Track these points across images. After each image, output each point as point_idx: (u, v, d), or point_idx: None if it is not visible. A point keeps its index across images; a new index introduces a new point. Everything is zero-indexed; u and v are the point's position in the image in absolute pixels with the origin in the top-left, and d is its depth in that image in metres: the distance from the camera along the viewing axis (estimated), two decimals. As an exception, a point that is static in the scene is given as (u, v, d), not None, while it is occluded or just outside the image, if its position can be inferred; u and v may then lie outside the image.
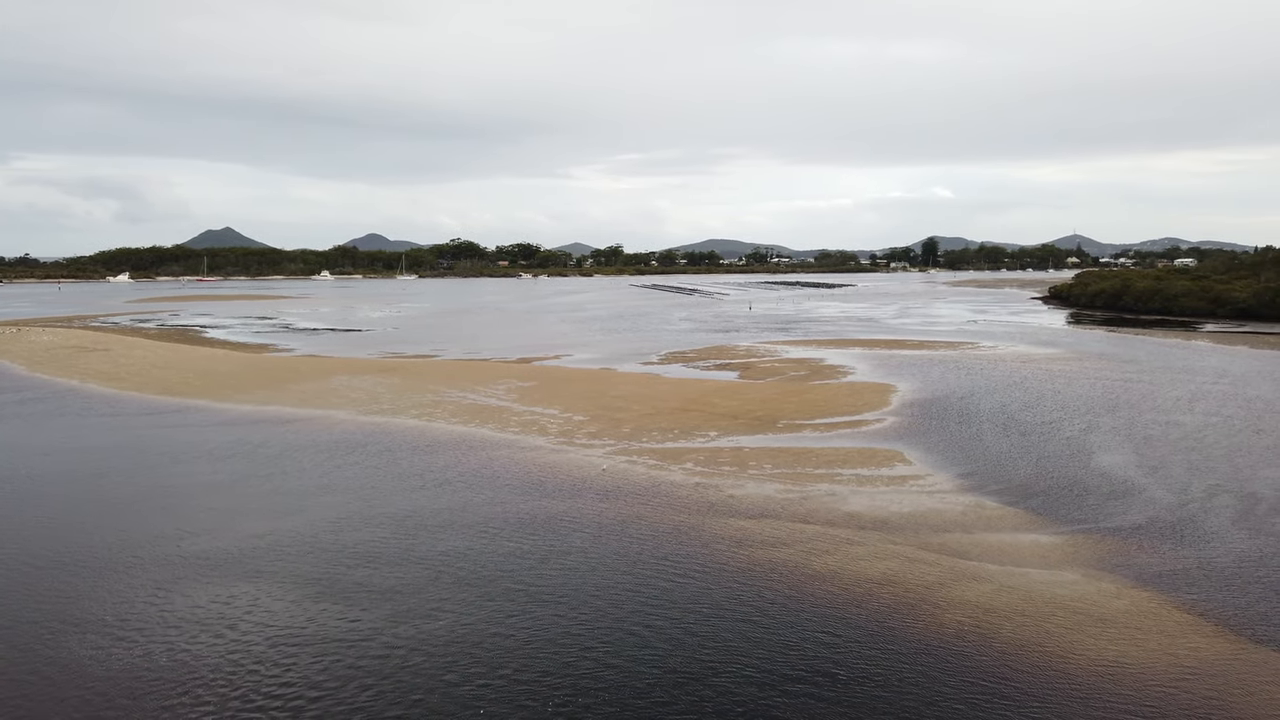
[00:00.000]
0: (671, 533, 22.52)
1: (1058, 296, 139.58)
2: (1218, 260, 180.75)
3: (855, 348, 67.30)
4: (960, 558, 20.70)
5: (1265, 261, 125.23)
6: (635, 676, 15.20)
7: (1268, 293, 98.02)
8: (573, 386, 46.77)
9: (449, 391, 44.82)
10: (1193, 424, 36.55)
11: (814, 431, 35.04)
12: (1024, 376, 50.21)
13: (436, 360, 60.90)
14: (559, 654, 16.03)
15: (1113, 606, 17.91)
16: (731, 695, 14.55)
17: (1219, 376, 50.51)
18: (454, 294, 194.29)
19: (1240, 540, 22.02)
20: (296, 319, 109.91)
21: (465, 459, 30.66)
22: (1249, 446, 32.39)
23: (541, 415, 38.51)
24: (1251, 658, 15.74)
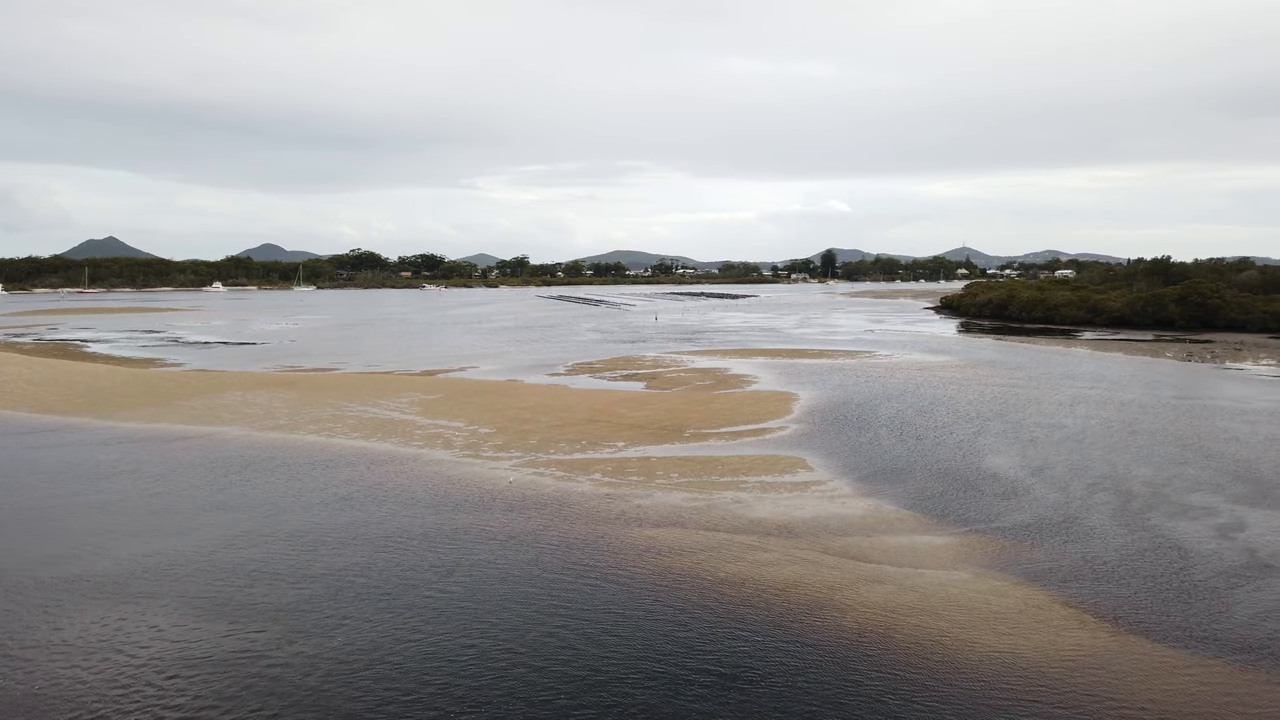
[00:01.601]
0: (579, 543, 22.46)
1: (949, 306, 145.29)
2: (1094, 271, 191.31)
3: (759, 357, 68.55)
4: (861, 560, 21.28)
5: (1137, 273, 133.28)
6: (539, 685, 15.09)
7: (1139, 302, 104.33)
8: (479, 399, 46.21)
9: (350, 405, 43.68)
10: (1074, 426, 38.53)
11: (719, 440, 35.51)
12: (918, 383, 52.04)
13: (337, 374, 59.28)
14: (462, 666, 15.79)
15: (1003, 603, 18.69)
16: (636, 699, 14.59)
17: (1096, 381, 53.41)
18: (355, 306, 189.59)
19: (1118, 536, 23.31)
20: (186, 332, 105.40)
21: (367, 474, 29.92)
22: (1124, 446, 34.33)
23: (447, 428, 37.90)
24: (1132, 649, 16.65)
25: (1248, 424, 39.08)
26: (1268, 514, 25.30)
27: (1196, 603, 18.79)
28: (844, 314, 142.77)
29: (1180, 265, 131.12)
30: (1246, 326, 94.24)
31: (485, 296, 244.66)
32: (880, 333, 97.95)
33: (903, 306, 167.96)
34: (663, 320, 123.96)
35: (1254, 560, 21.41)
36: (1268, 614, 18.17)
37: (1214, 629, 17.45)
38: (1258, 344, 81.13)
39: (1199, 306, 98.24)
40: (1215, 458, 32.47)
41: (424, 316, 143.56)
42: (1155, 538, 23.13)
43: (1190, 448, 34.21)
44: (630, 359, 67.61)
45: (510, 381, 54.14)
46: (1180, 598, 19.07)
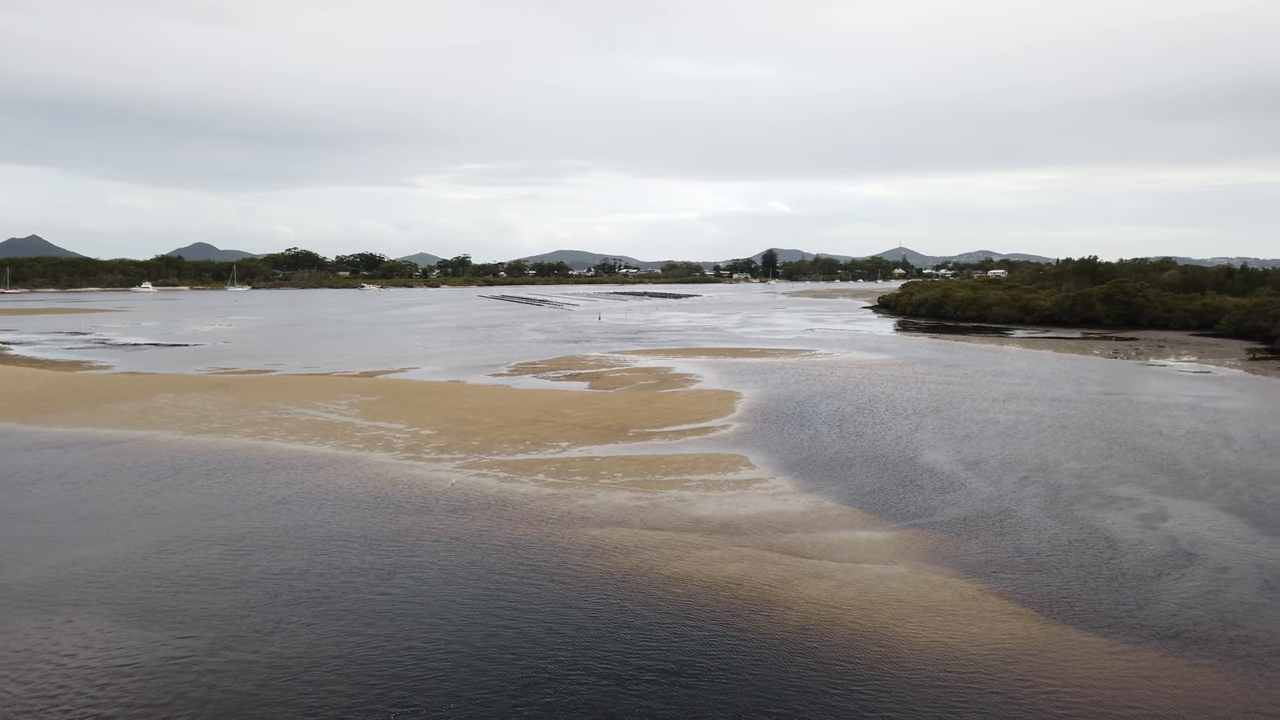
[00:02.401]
0: (523, 544, 22.36)
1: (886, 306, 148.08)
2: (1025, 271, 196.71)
3: (702, 356, 68.99)
4: (802, 557, 21.58)
5: (1065, 273, 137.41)
6: (481, 685, 15.00)
7: (1068, 301, 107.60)
8: (420, 400, 45.68)
9: (287, 408, 42.80)
10: (1006, 422, 39.59)
11: (663, 439, 35.66)
12: (857, 381, 52.93)
13: (273, 375, 58.02)
14: (403, 669, 15.61)
15: (939, 596, 19.13)
16: (580, 697, 14.60)
17: (1028, 378, 54.95)
18: (291, 306, 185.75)
19: (1049, 527, 24.02)
20: (115, 334, 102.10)
21: (305, 477, 29.37)
22: (1054, 440, 35.40)
23: (387, 430, 37.39)
24: (1063, 637, 17.18)
25: (1170, 418, 40.58)
26: (1189, 504, 26.32)
27: (1124, 591, 19.47)
28: (785, 313, 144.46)
29: (1106, 265, 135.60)
30: (1169, 324, 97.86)
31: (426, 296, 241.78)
32: (820, 332, 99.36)
33: (842, 306, 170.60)
34: (606, 320, 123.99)
35: (1177, 549, 22.26)
36: (1191, 601, 18.91)
37: (1140, 616, 18.10)
38: (1179, 341, 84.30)
39: (1124, 305, 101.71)
40: (1140, 451, 33.66)
41: (363, 317, 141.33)
42: (1084, 528, 23.90)
43: (1116, 441, 35.41)
44: (574, 359, 67.49)
45: (452, 382, 53.62)
46: (1108, 586, 19.74)
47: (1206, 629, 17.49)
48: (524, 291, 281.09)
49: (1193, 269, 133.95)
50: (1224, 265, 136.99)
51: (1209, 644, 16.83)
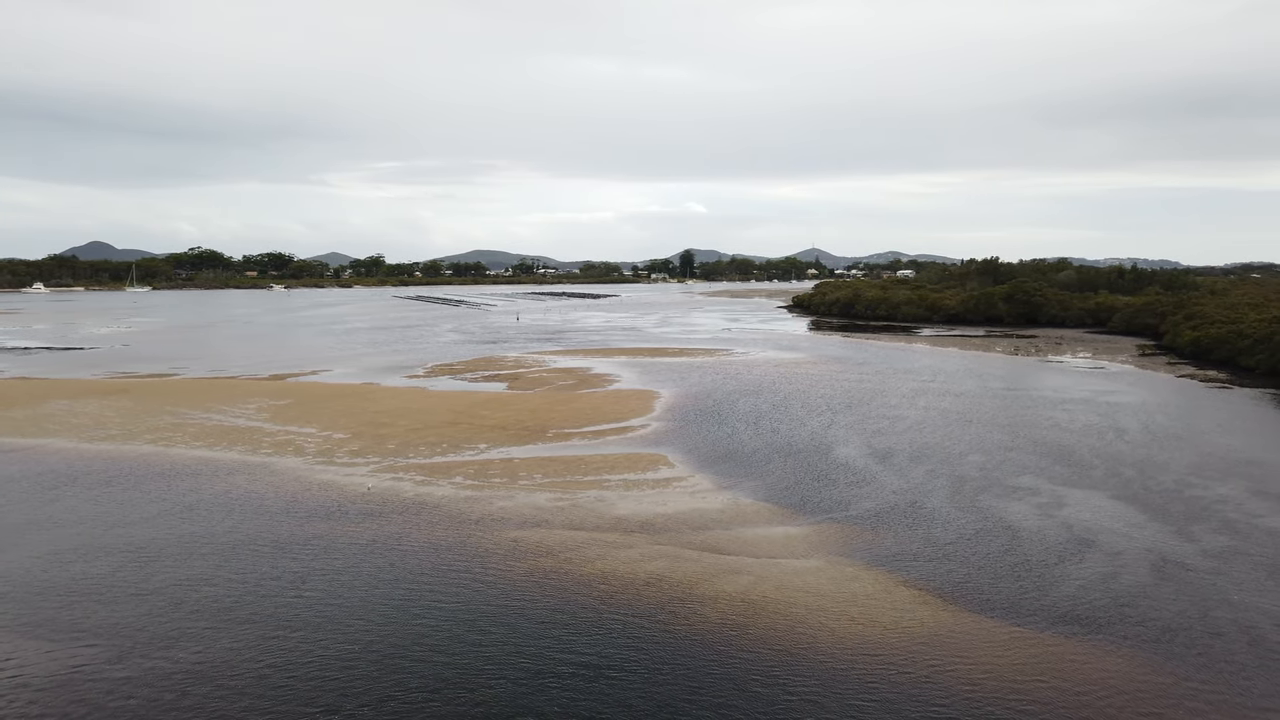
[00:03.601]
0: (442, 547, 22.07)
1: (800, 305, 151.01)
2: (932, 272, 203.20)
3: (620, 356, 69.17)
4: (721, 553, 21.85)
5: (969, 273, 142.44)
6: (401, 688, 14.75)
7: (972, 300, 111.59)
8: (332, 403, 44.60)
9: (191, 413, 41.26)
10: (915, 417, 40.84)
11: (582, 439, 35.64)
12: (773, 380, 53.85)
13: (176, 379, 55.85)
14: (317, 674, 15.23)
15: (854, 588, 19.63)
16: (500, 695, 14.50)
17: (935, 375, 56.79)
18: (195, 307, 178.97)
19: (956, 518, 24.88)
20: (3, 337, 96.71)
21: (211, 484, 28.37)
22: (959, 435, 36.68)
23: (298, 435, 36.40)
24: (970, 625, 17.82)
25: (1067, 412, 42.48)
26: (1085, 493, 27.61)
27: (1026, 578, 20.30)
28: (702, 313, 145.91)
29: (1007, 266, 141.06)
30: (1065, 322, 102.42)
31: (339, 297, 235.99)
32: (737, 331, 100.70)
33: (758, 306, 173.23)
34: (524, 320, 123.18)
35: (1074, 536, 23.33)
36: (1088, 586, 19.83)
37: (1043, 602, 18.90)
38: (1075, 338, 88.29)
39: (1024, 304, 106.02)
40: (1040, 443, 35.14)
41: (272, 318, 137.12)
42: (988, 518, 24.83)
43: (1018, 434, 36.89)
44: (492, 360, 66.85)
45: (366, 385, 52.50)
46: (1012, 574, 20.56)
47: (1104, 612, 18.37)
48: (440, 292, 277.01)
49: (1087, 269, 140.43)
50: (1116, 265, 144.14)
51: (1106, 626, 17.69)
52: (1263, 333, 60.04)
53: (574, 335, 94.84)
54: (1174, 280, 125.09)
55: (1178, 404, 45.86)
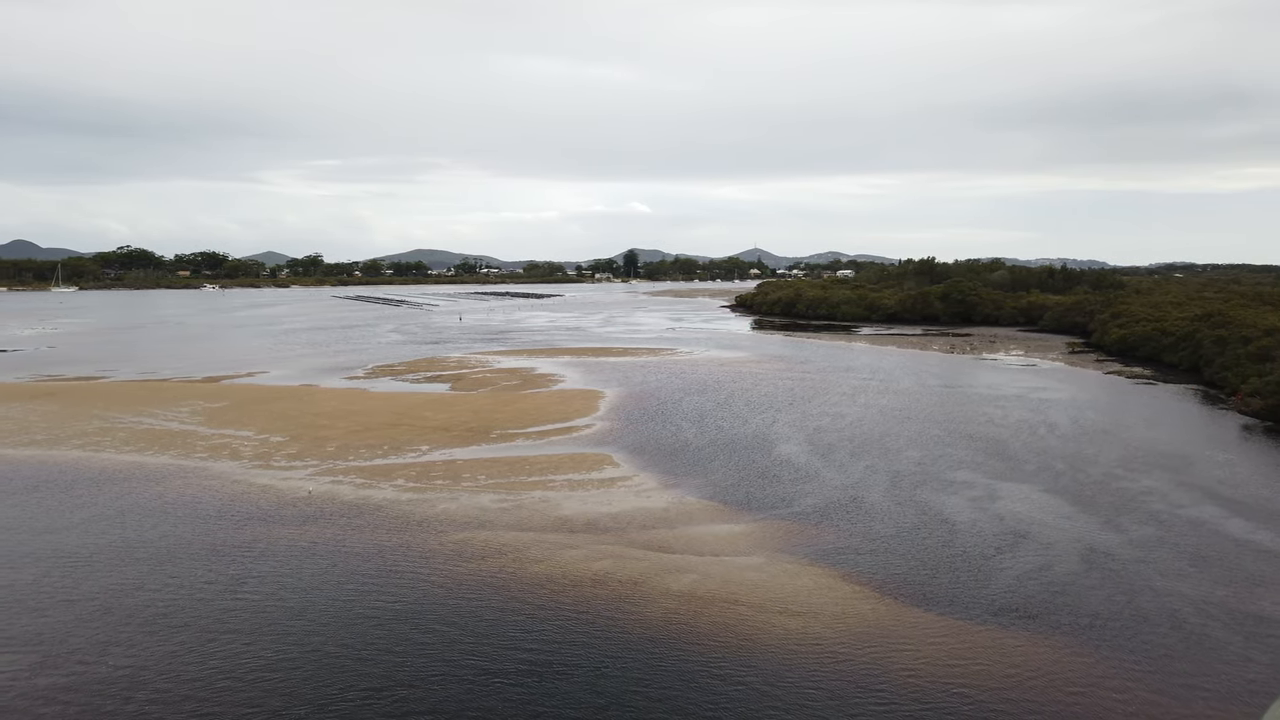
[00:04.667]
0: (384, 551, 21.78)
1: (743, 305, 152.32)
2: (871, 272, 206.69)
3: (565, 356, 68.98)
4: (666, 552, 21.96)
5: (907, 273, 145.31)
6: (343, 691, 14.53)
7: (909, 300, 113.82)
8: (270, 406, 43.66)
9: (121, 417, 40.03)
10: (854, 414, 41.53)
11: (527, 440, 35.48)
12: (717, 378, 54.24)
13: (105, 382, 54.09)
14: (252, 677, 14.92)
15: (796, 584, 19.89)
16: (447, 698, 14.37)
17: (874, 373, 57.80)
18: (125, 308, 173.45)
19: (895, 513, 25.38)
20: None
21: (143, 489, 27.56)
22: (897, 432, 37.40)
23: (234, 438, 35.57)
24: (909, 619, 18.19)
25: (1001, 408, 43.61)
26: (1019, 487, 28.39)
27: (963, 571, 20.80)
28: (646, 313, 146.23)
29: (943, 266, 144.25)
30: (999, 321, 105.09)
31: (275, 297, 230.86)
32: (681, 330, 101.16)
33: (701, 305, 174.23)
34: (467, 320, 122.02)
35: (1008, 528, 23.97)
36: (1023, 578, 20.41)
37: (979, 595, 19.39)
38: (1009, 336, 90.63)
39: (960, 303, 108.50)
40: (975, 439, 36.02)
41: (206, 319, 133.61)
42: (926, 513, 25.38)
43: (954, 430, 37.76)
44: (434, 360, 66.11)
45: (305, 386, 51.50)
46: (949, 567, 21.05)
47: (1037, 602, 18.92)
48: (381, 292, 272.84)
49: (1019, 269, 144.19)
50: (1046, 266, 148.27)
51: (1040, 616, 18.22)
52: (1184, 331, 62.38)
53: (518, 335, 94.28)
54: (1101, 280, 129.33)
55: (1105, 400, 47.40)
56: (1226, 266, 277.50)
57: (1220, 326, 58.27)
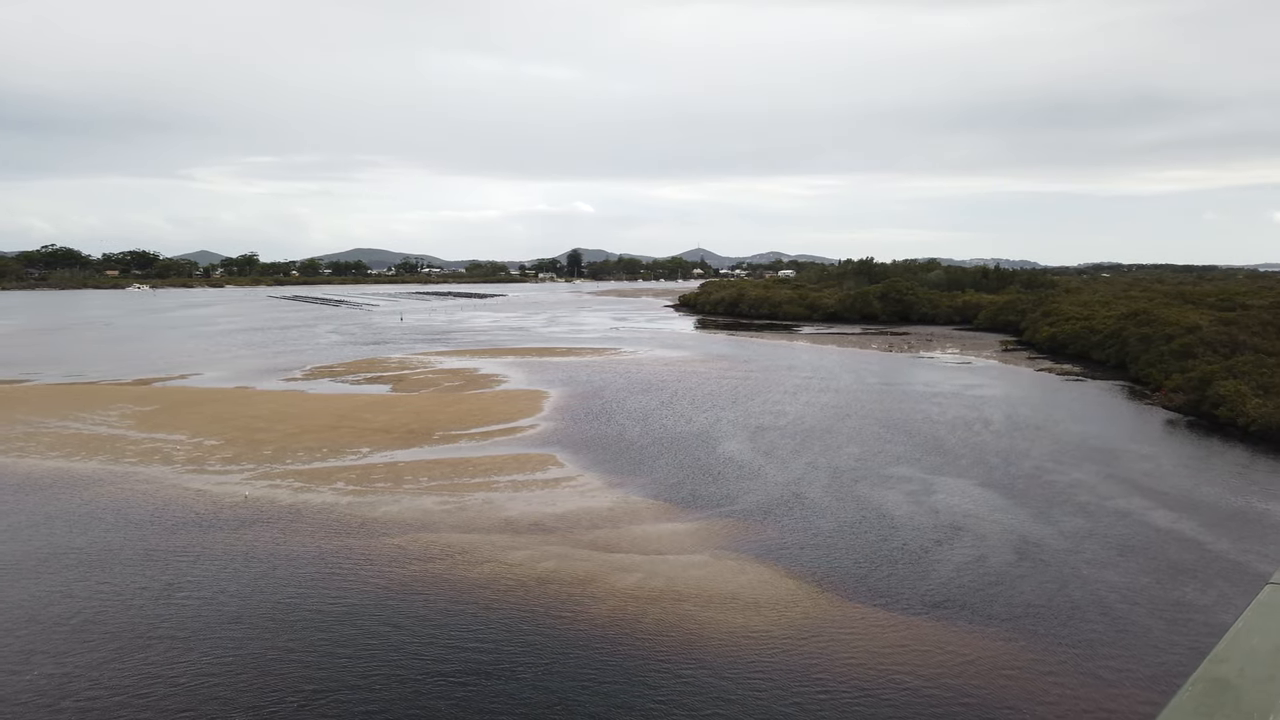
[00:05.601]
0: (323, 555, 21.42)
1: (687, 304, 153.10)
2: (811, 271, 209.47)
3: (508, 356, 68.56)
4: (611, 551, 22.00)
5: (846, 273, 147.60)
6: (282, 694, 14.26)
7: (849, 299, 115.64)
8: (204, 408, 42.58)
9: (46, 421, 38.65)
10: (796, 412, 42.08)
11: (470, 441, 35.20)
12: (661, 378, 54.46)
13: (28, 386, 52.15)
14: (186, 687, 14.56)
15: (739, 581, 20.10)
16: (390, 698, 14.21)
17: (815, 371, 58.63)
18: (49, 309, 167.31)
19: (835, 509, 25.80)
20: None
21: (70, 495, 26.66)
22: (837, 429, 38.01)
23: (166, 442, 34.61)
24: (849, 613, 18.52)
25: (938, 405, 44.59)
26: (955, 481, 29.08)
27: (901, 565, 21.24)
28: (590, 312, 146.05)
29: (881, 266, 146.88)
30: (935, 319, 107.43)
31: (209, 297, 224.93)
32: (625, 330, 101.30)
33: (645, 305, 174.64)
34: (409, 320, 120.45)
35: (944, 522, 24.54)
36: (959, 570, 20.91)
37: (917, 587, 19.82)
38: (944, 335, 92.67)
39: (897, 303, 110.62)
40: (912, 435, 36.77)
41: (136, 320, 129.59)
42: (865, 508, 25.85)
43: (892, 427, 38.50)
44: (375, 361, 65.15)
45: (240, 389, 50.33)
46: (888, 561, 21.47)
47: (972, 594, 19.41)
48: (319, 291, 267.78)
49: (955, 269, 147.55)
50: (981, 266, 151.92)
51: (975, 607, 18.70)
52: (1111, 329, 64.50)
53: (460, 335, 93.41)
54: (1033, 280, 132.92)
55: (1037, 396, 48.78)
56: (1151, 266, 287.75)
57: (1145, 325, 60.40)
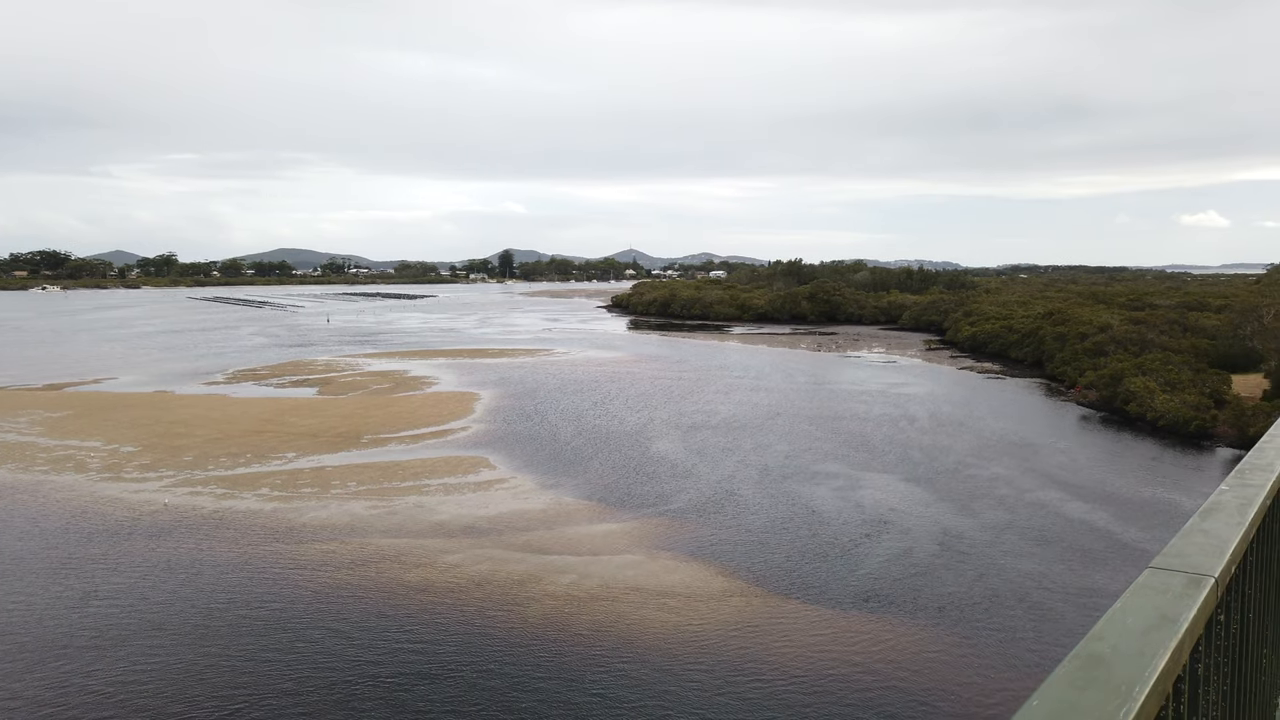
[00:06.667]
0: (247, 562, 20.90)
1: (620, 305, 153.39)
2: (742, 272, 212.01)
3: (439, 358, 67.75)
4: (544, 553, 21.97)
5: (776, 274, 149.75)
6: (202, 703, 13.93)
7: (779, 300, 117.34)
8: (120, 414, 41.11)
9: (-52, 429, 36.81)
10: (727, 411, 42.57)
11: (400, 444, 34.72)
12: (594, 378, 54.49)
13: (-73, 392, 49.60)
14: (100, 699, 14.09)
15: (671, 580, 20.28)
16: (318, 703, 13.99)
17: (745, 371, 59.38)
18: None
19: (765, 506, 26.19)
20: None
21: (-25, 508, 25.47)
22: (768, 427, 38.58)
23: (80, 449, 33.33)
24: (779, 609, 18.84)
25: (864, 403, 45.59)
26: (881, 477, 29.79)
27: (830, 560, 21.69)
28: (523, 313, 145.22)
29: (810, 267, 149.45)
30: (862, 319, 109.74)
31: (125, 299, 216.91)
32: (558, 331, 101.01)
33: (578, 306, 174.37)
34: (336, 322, 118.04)
35: (871, 517, 25.13)
36: (887, 563, 21.45)
37: (846, 581, 20.26)
38: (871, 334, 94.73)
39: (825, 303, 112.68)
40: (840, 432, 37.54)
41: (46, 323, 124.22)
42: (795, 505, 26.31)
43: (821, 425, 39.24)
44: (300, 363, 63.69)
45: (159, 393, 48.71)
46: (817, 557, 21.90)
47: (898, 587, 19.94)
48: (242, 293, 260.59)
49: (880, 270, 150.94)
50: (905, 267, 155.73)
51: (900, 599, 19.21)
52: (1028, 328, 66.78)
53: (390, 337, 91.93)
54: (955, 280, 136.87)
55: (959, 394, 50.24)
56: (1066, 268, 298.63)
57: (1060, 324, 62.71)
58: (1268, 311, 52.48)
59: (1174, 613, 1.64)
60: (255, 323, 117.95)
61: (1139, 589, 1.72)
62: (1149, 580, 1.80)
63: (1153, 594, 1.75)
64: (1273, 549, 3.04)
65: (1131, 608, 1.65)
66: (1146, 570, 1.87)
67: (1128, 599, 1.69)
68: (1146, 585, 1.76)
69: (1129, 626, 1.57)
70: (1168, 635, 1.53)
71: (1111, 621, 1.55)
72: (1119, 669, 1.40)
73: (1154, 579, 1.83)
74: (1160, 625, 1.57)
